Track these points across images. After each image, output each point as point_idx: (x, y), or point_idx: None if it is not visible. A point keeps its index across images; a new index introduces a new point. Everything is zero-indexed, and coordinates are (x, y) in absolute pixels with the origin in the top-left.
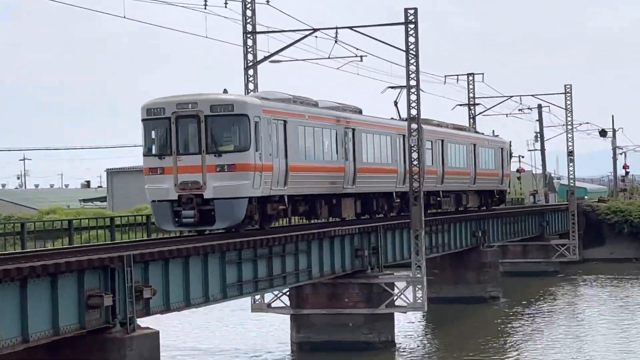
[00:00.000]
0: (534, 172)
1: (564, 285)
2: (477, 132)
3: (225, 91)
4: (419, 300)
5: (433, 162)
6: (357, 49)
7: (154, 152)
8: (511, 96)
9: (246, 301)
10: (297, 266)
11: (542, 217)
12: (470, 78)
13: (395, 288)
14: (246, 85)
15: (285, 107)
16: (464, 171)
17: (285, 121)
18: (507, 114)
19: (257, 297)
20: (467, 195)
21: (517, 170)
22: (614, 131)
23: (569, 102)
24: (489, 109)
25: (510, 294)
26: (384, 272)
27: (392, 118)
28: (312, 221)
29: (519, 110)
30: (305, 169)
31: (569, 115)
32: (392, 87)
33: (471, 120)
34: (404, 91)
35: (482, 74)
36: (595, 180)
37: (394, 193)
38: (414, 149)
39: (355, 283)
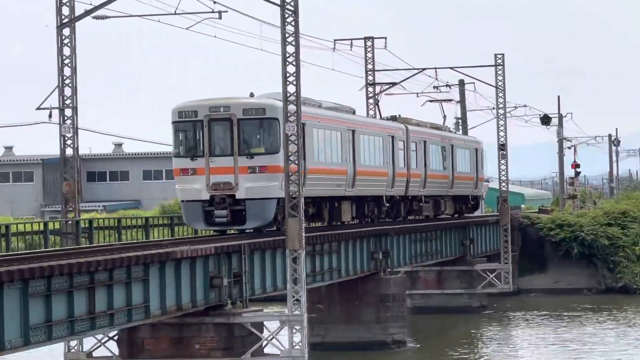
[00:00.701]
0: None
1: (493, 325)
2: (450, 130)
3: (252, 95)
4: (297, 347)
5: (417, 164)
6: (214, 2)
7: (185, 153)
8: (424, 69)
9: (58, 348)
10: (129, 300)
11: (464, 232)
12: (369, 44)
13: (265, 330)
14: (59, 49)
15: (306, 111)
16: (442, 175)
17: (304, 124)
18: (417, 93)
19: (73, 343)
20: (444, 200)
21: None
22: (560, 118)
23: (500, 78)
24: (392, 85)
25: (421, 338)
26: (250, 309)
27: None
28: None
29: (434, 87)
30: (320, 172)
31: (500, 95)
32: (371, 85)
33: (369, 101)
34: (387, 88)
35: (385, 38)
36: (536, 184)
37: (384, 197)
38: (293, 139)
39: (210, 323)
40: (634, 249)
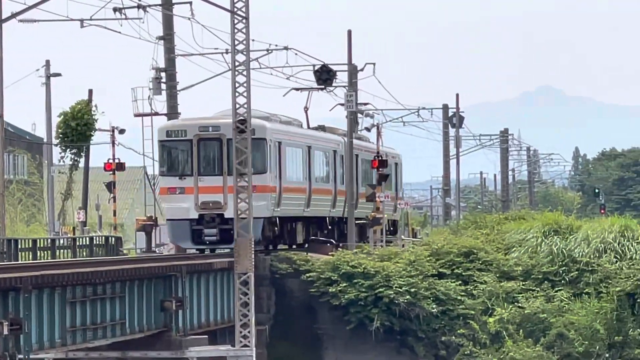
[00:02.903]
0: None
1: None
2: (370, 141)
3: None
4: None
5: (363, 181)
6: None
7: (173, 172)
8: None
9: None
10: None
11: (168, 286)
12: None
13: None
14: None
15: (279, 129)
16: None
17: (280, 142)
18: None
19: None
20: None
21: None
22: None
23: None
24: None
25: None
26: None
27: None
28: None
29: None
30: (291, 191)
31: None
32: (297, 89)
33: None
34: (314, 94)
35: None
36: None
37: (327, 218)
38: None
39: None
40: (485, 320)
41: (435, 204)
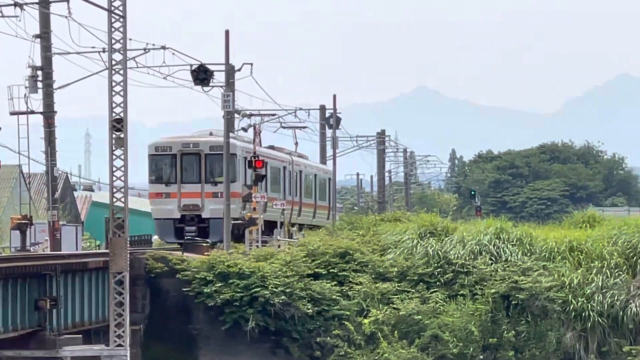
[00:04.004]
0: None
1: None
2: (307, 157)
3: (211, 133)
4: None
5: (299, 194)
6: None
7: (160, 180)
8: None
9: None
10: None
11: (42, 285)
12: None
13: None
14: None
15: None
16: (310, 204)
17: (246, 157)
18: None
19: None
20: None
21: None
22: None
23: None
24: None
25: None
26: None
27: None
28: None
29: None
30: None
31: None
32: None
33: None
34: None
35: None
36: None
37: (277, 222)
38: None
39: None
40: (360, 321)
41: None
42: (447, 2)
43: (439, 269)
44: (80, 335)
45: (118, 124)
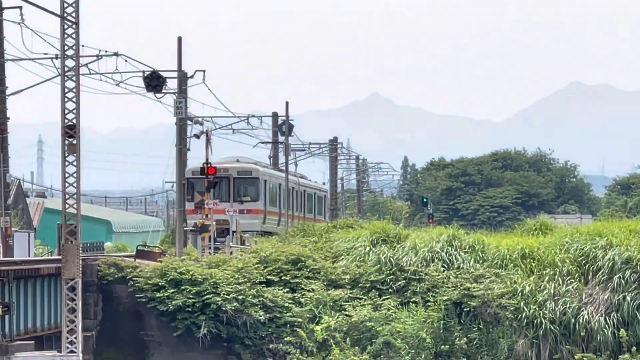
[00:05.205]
0: None
1: None
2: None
3: (237, 160)
4: None
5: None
6: None
7: (196, 199)
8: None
9: None
10: None
11: None
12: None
13: None
14: None
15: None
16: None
17: (266, 180)
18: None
19: None
20: None
21: None
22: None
23: None
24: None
25: None
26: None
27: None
28: None
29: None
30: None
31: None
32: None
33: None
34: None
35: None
36: (135, 203)
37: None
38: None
39: None
40: (313, 328)
41: None
42: (408, 11)
43: (391, 276)
44: (33, 342)
45: (71, 130)
